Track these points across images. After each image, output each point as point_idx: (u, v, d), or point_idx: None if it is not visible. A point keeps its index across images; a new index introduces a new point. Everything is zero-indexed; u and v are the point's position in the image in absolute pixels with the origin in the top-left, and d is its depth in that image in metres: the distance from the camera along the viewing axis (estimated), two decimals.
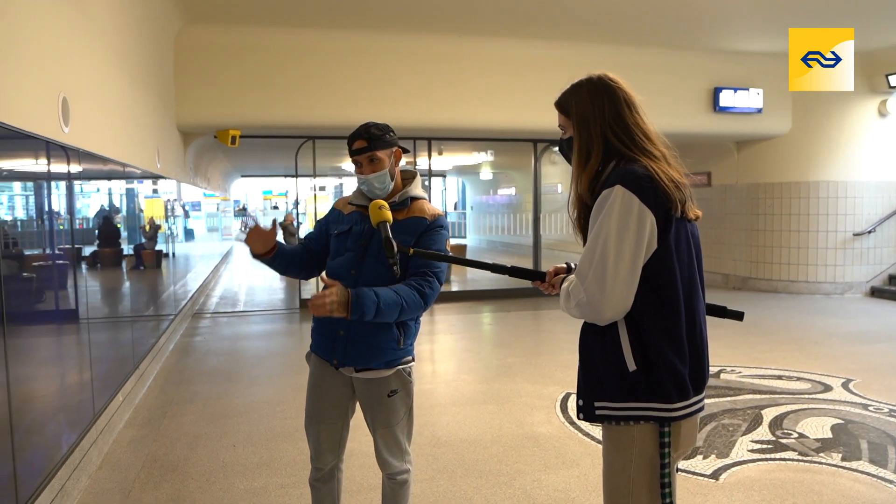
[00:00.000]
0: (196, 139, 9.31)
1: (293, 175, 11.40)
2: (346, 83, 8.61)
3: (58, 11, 3.68)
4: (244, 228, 12.81)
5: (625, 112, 1.88)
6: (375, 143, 2.48)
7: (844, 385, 5.56)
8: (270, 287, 12.75)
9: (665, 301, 1.80)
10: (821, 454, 4.11)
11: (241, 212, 38.91)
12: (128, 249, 6.84)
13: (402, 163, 2.63)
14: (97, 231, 5.48)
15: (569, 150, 1.98)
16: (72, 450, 3.60)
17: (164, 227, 9.10)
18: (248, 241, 2.52)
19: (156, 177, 7.24)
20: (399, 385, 2.56)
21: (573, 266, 2.10)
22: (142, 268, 7.61)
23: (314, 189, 12.78)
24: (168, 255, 8.74)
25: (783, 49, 7.46)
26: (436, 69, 8.95)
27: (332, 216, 2.69)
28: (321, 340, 2.61)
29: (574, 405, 3.14)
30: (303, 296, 10.19)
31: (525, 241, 13.45)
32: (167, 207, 8.91)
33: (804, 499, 3.53)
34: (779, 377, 5.83)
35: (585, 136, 1.89)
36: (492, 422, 4.78)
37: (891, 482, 3.70)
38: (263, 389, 5.63)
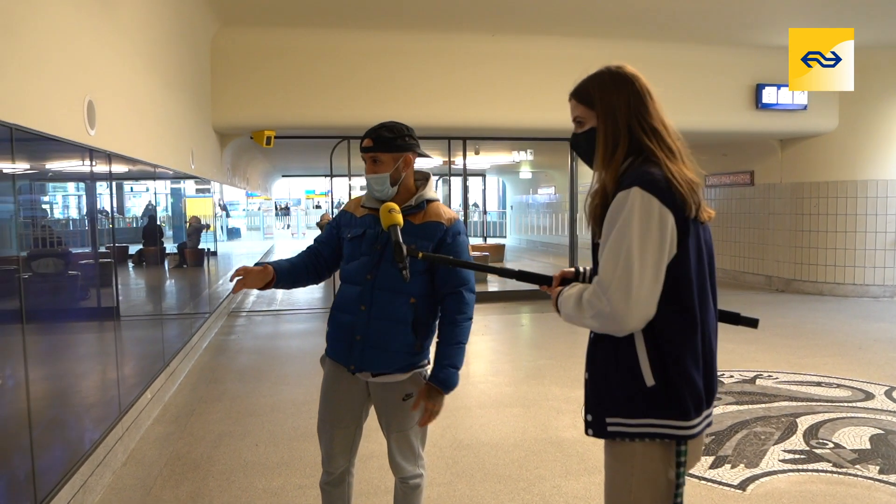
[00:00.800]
0: (233, 140, 9.46)
1: (329, 175, 11.46)
2: (380, 83, 8.64)
3: (85, 20, 3.76)
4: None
5: (649, 103, 1.80)
6: (381, 145, 2.45)
7: (888, 393, 5.32)
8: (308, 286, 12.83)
9: (685, 308, 1.71)
10: (857, 466, 3.93)
11: (284, 210, 39.29)
12: (171, 248, 6.99)
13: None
14: (142, 231, 5.62)
15: (586, 144, 1.87)
16: (95, 446, 3.66)
17: (213, 227, 9.27)
18: (246, 286, 2.44)
19: (190, 177, 7.36)
20: (414, 389, 2.54)
21: (581, 270, 2.03)
22: (184, 266, 7.77)
23: (349, 188, 12.82)
24: (210, 254, 8.89)
25: None
26: (469, 68, 8.91)
27: (344, 219, 2.65)
28: (337, 345, 2.60)
29: None
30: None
31: (564, 241, 13.27)
32: (215, 207, 9.08)
33: None
34: (818, 384, 5.62)
35: (612, 127, 1.79)
36: (516, 425, 4.72)
37: None
38: (291, 388, 5.67)
